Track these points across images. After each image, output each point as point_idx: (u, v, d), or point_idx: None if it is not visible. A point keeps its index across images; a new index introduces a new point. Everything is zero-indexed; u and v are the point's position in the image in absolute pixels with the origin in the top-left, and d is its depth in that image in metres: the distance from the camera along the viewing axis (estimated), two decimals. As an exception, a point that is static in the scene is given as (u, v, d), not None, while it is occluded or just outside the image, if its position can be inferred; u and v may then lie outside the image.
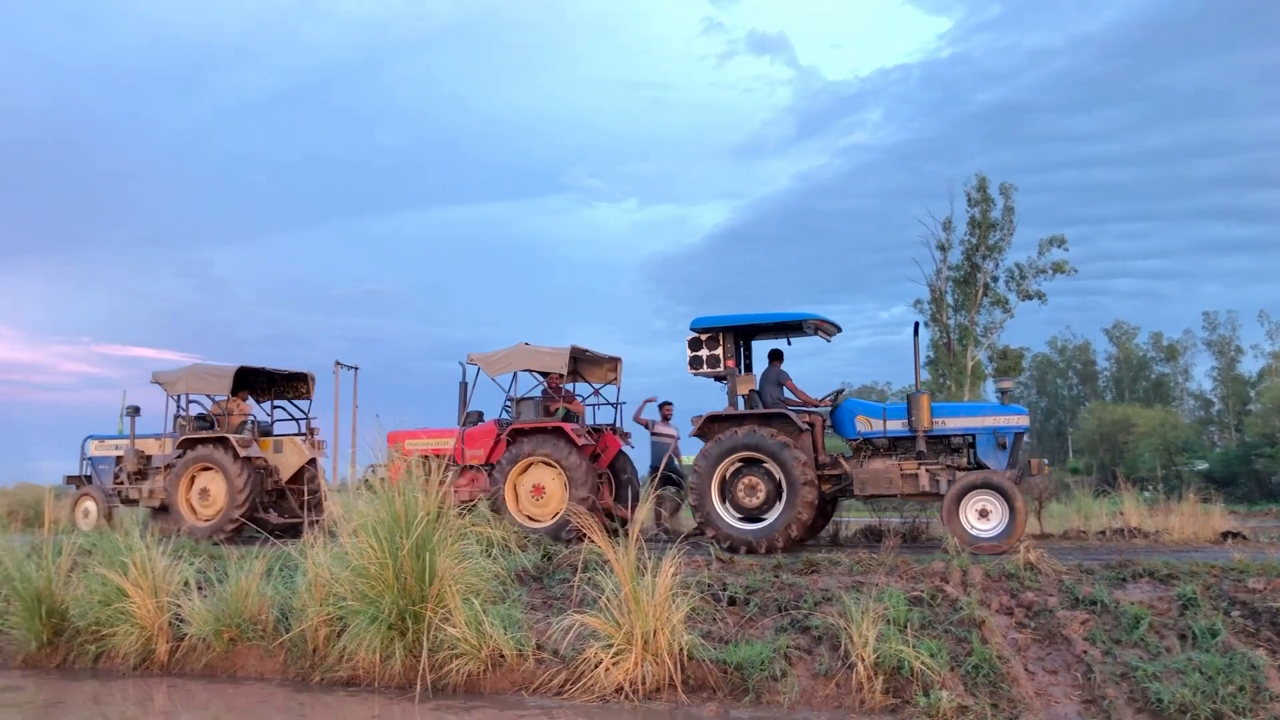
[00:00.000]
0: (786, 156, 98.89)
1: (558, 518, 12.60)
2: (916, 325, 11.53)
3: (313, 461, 15.36)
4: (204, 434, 14.66)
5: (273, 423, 16.19)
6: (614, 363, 14.35)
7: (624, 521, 13.27)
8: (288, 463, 15.19)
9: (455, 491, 13.19)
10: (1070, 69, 79.68)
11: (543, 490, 12.83)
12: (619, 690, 7.53)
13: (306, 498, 14.81)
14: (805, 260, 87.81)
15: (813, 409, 11.82)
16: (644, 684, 7.53)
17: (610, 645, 7.65)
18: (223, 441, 14.36)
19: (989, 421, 11.07)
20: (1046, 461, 11.94)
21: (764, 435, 11.07)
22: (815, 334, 12.06)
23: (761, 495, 11.14)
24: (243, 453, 14.22)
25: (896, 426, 11.28)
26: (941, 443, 11.26)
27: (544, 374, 14.08)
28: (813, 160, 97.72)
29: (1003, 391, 11.52)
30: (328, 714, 7.77)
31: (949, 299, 34.50)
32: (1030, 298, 33.84)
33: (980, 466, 11.01)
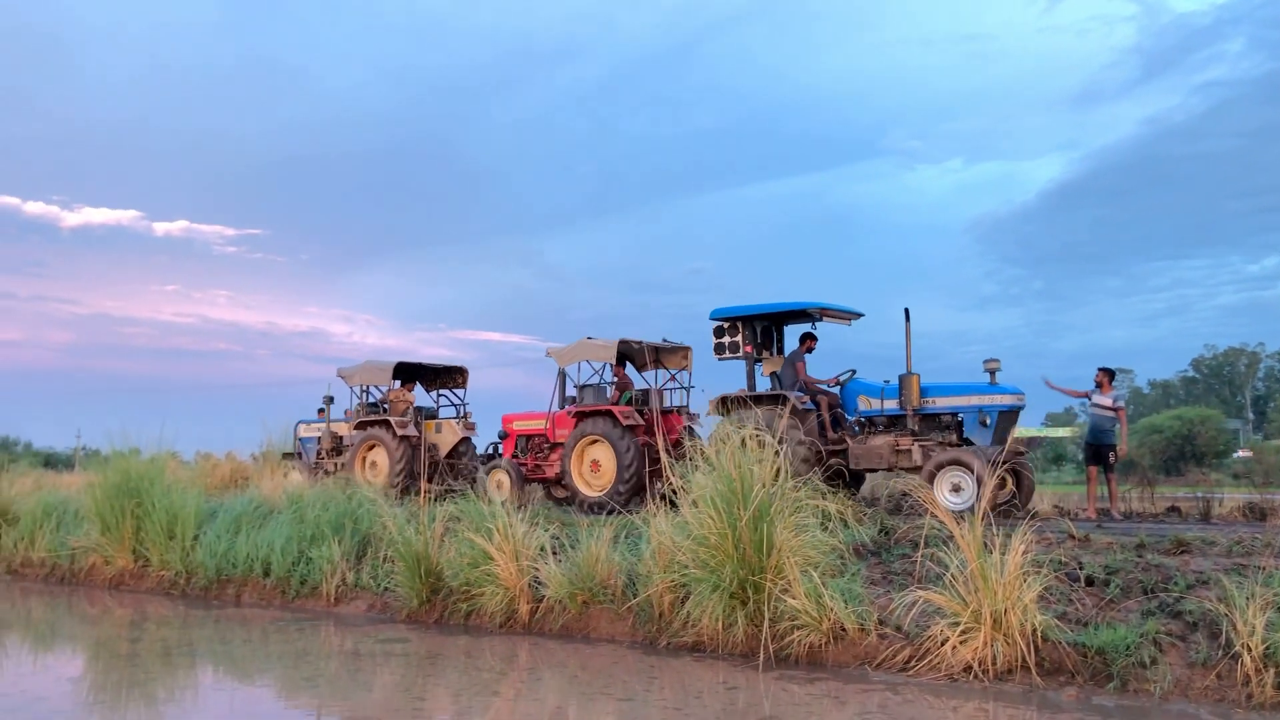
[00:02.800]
0: (1130, 100, 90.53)
1: (607, 490, 14.14)
2: (906, 311, 11.97)
3: (466, 440, 17.99)
4: (372, 418, 17.58)
5: (437, 408, 18.90)
6: (686, 351, 15.78)
7: None
8: (445, 441, 17.97)
9: (548, 464, 15.93)
10: None
11: (599, 465, 14.47)
12: (967, 669, 7.28)
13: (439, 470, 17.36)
14: (1155, 212, 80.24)
15: (823, 390, 12.83)
16: (994, 664, 7.23)
17: (957, 624, 7.40)
18: (385, 424, 17.22)
19: (974, 401, 11.82)
20: (1036, 438, 12.42)
21: (766, 415, 11.82)
22: (821, 320, 12.91)
23: None
24: (400, 432, 16.99)
25: (892, 405, 12.25)
26: (932, 420, 12.14)
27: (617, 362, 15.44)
28: (1161, 102, 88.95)
29: (990, 371, 11.84)
30: (676, 678, 8.07)
31: (1336, 247, 30.24)
32: None
33: (968, 443, 11.68)
